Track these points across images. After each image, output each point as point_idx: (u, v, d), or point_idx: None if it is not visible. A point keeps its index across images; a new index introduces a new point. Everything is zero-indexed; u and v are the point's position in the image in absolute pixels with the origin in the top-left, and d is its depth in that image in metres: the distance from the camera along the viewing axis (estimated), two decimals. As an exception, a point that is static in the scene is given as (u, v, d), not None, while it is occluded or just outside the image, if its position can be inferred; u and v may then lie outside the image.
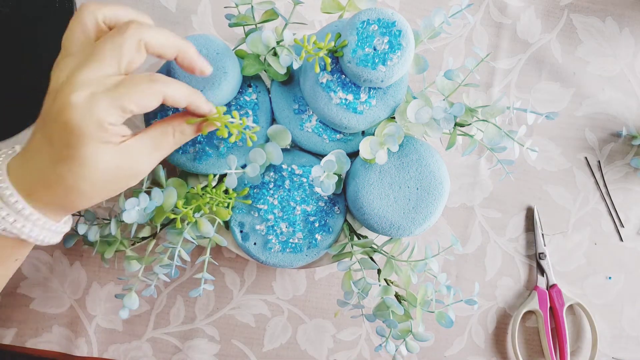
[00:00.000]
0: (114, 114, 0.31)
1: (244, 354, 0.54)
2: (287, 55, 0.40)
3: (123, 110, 0.32)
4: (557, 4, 0.58)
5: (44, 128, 0.32)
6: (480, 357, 0.56)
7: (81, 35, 0.34)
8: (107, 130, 0.32)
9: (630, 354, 0.57)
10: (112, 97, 0.31)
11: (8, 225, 0.32)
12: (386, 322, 0.41)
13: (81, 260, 0.53)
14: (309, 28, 0.55)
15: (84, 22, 0.34)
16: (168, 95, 0.34)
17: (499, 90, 0.57)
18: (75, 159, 0.31)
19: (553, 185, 0.57)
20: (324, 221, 0.44)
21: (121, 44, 0.32)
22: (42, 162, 0.32)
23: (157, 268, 0.42)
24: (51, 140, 0.31)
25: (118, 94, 0.31)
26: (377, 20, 0.39)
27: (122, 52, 0.32)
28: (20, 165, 0.33)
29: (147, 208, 0.39)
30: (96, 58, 0.32)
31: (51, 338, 0.52)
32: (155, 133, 0.35)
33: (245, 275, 0.54)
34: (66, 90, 0.31)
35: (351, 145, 0.44)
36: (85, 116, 0.31)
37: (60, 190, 0.32)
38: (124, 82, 0.32)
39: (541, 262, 0.56)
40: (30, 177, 0.32)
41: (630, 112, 0.58)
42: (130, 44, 0.32)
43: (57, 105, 0.31)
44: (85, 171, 0.32)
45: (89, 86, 0.31)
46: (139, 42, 0.33)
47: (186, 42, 0.36)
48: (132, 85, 0.32)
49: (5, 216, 0.32)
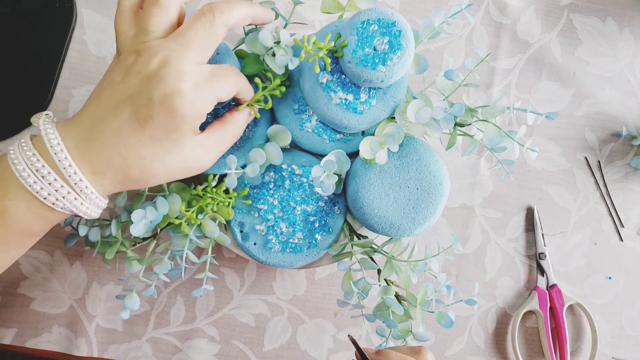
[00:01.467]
0: (211, 104, 0.34)
1: (244, 354, 0.54)
2: (283, 56, 0.40)
3: (217, 99, 0.34)
4: (557, 4, 0.58)
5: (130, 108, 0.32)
6: (480, 357, 0.56)
7: (163, 21, 0.34)
8: (202, 120, 0.34)
9: (630, 354, 0.57)
10: (210, 88, 0.33)
11: (68, 204, 0.32)
12: (386, 322, 0.41)
13: (81, 261, 0.53)
14: (309, 28, 0.55)
15: (166, 7, 0.34)
16: (242, 88, 0.37)
17: (499, 90, 0.57)
18: (167, 144, 0.33)
19: (553, 185, 0.57)
20: (324, 221, 0.44)
21: (212, 33, 0.34)
22: (122, 141, 0.32)
23: (158, 268, 0.42)
24: (145, 123, 0.32)
25: (214, 85, 0.34)
26: (377, 20, 0.39)
27: (214, 39, 0.34)
28: (84, 140, 0.32)
29: (154, 220, 0.39)
30: (190, 46, 0.33)
31: (51, 338, 0.52)
32: (219, 130, 0.37)
33: (245, 275, 0.54)
34: (171, 76, 0.32)
35: (351, 145, 0.44)
36: (192, 105, 0.32)
37: (136, 170, 0.33)
38: (216, 72, 0.34)
39: (541, 262, 0.56)
40: (100, 154, 0.32)
41: (630, 112, 0.58)
42: (220, 30, 0.34)
43: (163, 90, 0.32)
44: (171, 156, 0.33)
45: (192, 75, 0.32)
46: (226, 26, 0.34)
47: (254, 7, 0.37)
48: (223, 77, 0.34)
49: (67, 195, 0.32)
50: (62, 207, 0.32)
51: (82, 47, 0.53)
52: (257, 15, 0.38)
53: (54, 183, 0.31)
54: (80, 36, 0.53)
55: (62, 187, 0.31)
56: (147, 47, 0.33)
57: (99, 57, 0.53)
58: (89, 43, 0.53)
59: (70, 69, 0.53)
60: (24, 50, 0.51)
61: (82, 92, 0.53)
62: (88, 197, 0.33)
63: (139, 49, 0.33)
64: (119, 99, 0.32)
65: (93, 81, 0.53)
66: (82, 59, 0.53)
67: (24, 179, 0.31)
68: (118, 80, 0.33)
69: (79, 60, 0.53)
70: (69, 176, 0.31)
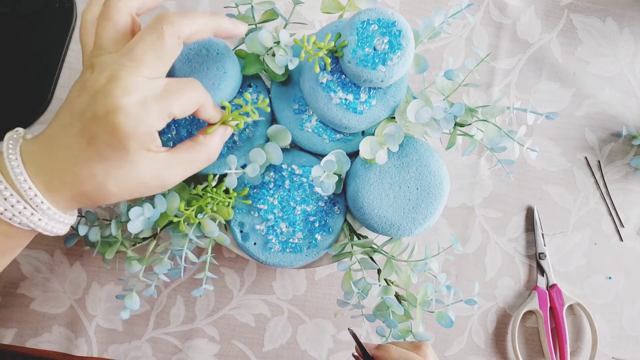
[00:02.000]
0: (162, 120, 0.32)
1: (244, 354, 0.54)
2: (282, 56, 0.40)
3: (170, 116, 0.32)
4: (557, 4, 0.58)
5: (79, 125, 0.32)
6: (480, 357, 0.56)
7: (113, 33, 0.34)
8: (154, 137, 0.32)
9: (630, 354, 0.57)
10: (162, 103, 0.32)
11: (24, 219, 0.32)
12: (386, 322, 0.41)
13: (81, 261, 0.53)
14: (309, 28, 0.55)
15: (115, 20, 0.34)
16: (204, 105, 0.35)
17: (499, 90, 0.57)
18: (115, 161, 0.32)
19: (553, 185, 0.57)
20: (324, 221, 0.44)
21: (162, 47, 0.32)
22: (72, 157, 0.32)
23: (158, 268, 0.42)
24: (91, 139, 0.31)
25: (167, 100, 0.32)
26: (377, 20, 0.39)
27: (164, 52, 0.32)
28: (40, 156, 0.32)
29: (152, 217, 0.39)
30: (140, 60, 0.32)
31: (51, 338, 0.52)
32: (189, 150, 0.36)
33: (245, 275, 0.54)
34: (115, 92, 0.31)
35: (351, 145, 0.44)
36: (137, 121, 0.31)
37: (88, 187, 0.32)
38: (170, 88, 0.33)
39: (541, 262, 0.56)
40: (53, 171, 0.32)
41: (630, 112, 0.58)
42: (171, 43, 0.33)
43: (105, 106, 0.31)
44: (122, 174, 0.32)
45: (138, 90, 0.31)
46: (177, 38, 0.33)
47: (217, 18, 0.35)
48: (178, 92, 0.33)
49: (22, 210, 0.32)
50: (20, 222, 0.32)
51: (82, 47, 0.53)
52: (220, 27, 0.36)
53: (10, 198, 0.31)
54: (80, 36, 0.53)
55: (17, 203, 0.31)
56: (99, 62, 0.33)
57: (99, 57, 0.53)
58: (89, 43, 0.53)
59: (70, 69, 0.53)
60: (24, 50, 0.51)
61: (82, 92, 0.53)
62: (45, 213, 0.32)
63: (93, 63, 0.33)
64: (72, 114, 0.32)
65: (93, 81, 0.53)
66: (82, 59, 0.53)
67: None
68: (75, 96, 0.33)
69: (79, 60, 0.53)
70: (24, 191, 0.31)
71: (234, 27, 0.36)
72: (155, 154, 0.33)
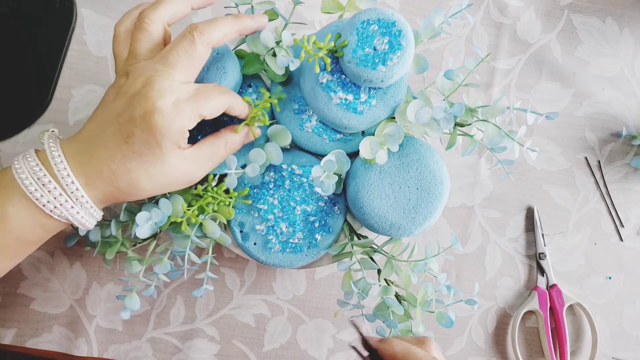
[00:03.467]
0: (193, 120, 0.35)
1: (244, 354, 0.54)
2: (284, 56, 0.40)
3: (200, 116, 0.35)
4: (557, 4, 0.58)
5: (117, 125, 0.34)
6: (480, 357, 0.56)
7: (148, 43, 0.37)
8: (185, 136, 0.35)
9: (630, 354, 0.57)
10: (193, 105, 0.35)
11: (65, 212, 0.34)
12: (386, 322, 0.41)
13: (81, 261, 0.53)
14: (309, 28, 0.55)
15: (149, 30, 0.37)
16: (231, 106, 0.38)
17: (499, 90, 0.57)
18: (149, 157, 0.34)
19: (553, 185, 0.57)
20: (324, 221, 0.44)
21: (193, 53, 0.36)
22: (109, 155, 0.34)
23: (158, 268, 0.42)
24: (128, 138, 0.34)
25: (197, 102, 0.35)
26: (377, 20, 0.39)
27: (195, 59, 0.36)
28: (80, 153, 0.35)
29: (159, 222, 0.40)
30: (173, 66, 0.35)
31: (51, 338, 0.52)
32: (211, 145, 0.38)
33: (245, 275, 0.54)
34: (151, 94, 0.34)
35: (351, 145, 0.44)
36: (171, 121, 0.34)
37: (123, 183, 0.35)
38: (200, 91, 0.36)
39: (541, 262, 0.56)
40: (92, 167, 0.34)
41: (630, 112, 0.58)
42: (201, 51, 0.36)
43: (142, 108, 0.34)
44: (155, 170, 0.35)
45: (172, 93, 0.34)
46: (207, 45, 0.36)
47: (240, 21, 0.39)
48: (207, 95, 0.36)
49: (64, 203, 0.34)
50: (59, 214, 0.34)
51: (82, 47, 0.53)
52: (244, 27, 0.39)
53: (53, 191, 0.34)
54: (80, 36, 0.53)
55: (60, 195, 0.34)
56: (134, 69, 0.36)
57: (99, 57, 0.53)
58: (89, 43, 0.53)
59: (70, 69, 0.53)
60: (24, 50, 0.51)
61: (82, 92, 0.53)
62: (83, 206, 0.35)
63: (128, 70, 0.36)
64: (109, 116, 0.35)
65: (93, 81, 0.53)
66: (82, 59, 0.53)
67: (26, 186, 0.33)
68: (111, 100, 0.35)
69: (79, 60, 0.53)
70: (66, 185, 0.34)
71: (256, 23, 0.40)
72: (183, 151, 0.36)
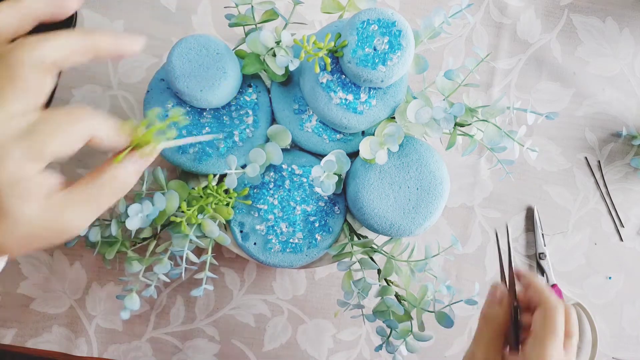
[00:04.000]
0: (34, 164, 0.26)
1: (244, 354, 0.54)
2: (284, 56, 0.40)
3: (42, 159, 0.26)
4: (557, 4, 0.58)
5: None
6: (480, 357, 0.56)
7: None
8: (21, 186, 0.26)
9: (630, 354, 0.57)
10: (26, 146, 0.26)
11: None
12: (386, 322, 0.41)
13: (81, 261, 0.53)
14: (309, 28, 0.55)
15: None
16: (95, 135, 0.28)
17: (499, 90, 0.57)
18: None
19: (553, 185, 0.57)
20: (324, 221, 0.44)
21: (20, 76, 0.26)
22: None
23: (158, 268, 0.42)
24: None
25: (33, 140, 0.26)
26: (377, 20, 0.39)
27: (26, 83, 0.26)
28: None
29: (150, 215, 0.39)
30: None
31: (51, 338, 0.52)
32: (89, 185, 0.29)
33: (245, 275, 0.54)
34: None
35: (351, 145, 0.44)
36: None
37: None
38: (40, 124, 0.26)
39: (541, 262, 0.56)
40: None
41: (630, 112, 0.58)
42: (30, 68, 0.26)
43: None
44: (5, 227, 0.27)
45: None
46: (41, 63, 0.26)
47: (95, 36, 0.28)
48: (50, 128, 0.26)
49: None
50: None
51: (82, 47, 0.53)
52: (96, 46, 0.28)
53: None
54: (80, 36, 0.53)
55: None
56: None
57: (99, 57, 0.53)
58: (89, 43, 0.53)
59: (70, 69, 0.53)
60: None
61: (82, 92, 0.53)
62: None
63: None
64: None
65: (93, 81, 0.53)
66: (82, 59, 0.53)
67: None
68: None
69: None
70: None
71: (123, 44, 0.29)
72: (40, 200, 0.27)
